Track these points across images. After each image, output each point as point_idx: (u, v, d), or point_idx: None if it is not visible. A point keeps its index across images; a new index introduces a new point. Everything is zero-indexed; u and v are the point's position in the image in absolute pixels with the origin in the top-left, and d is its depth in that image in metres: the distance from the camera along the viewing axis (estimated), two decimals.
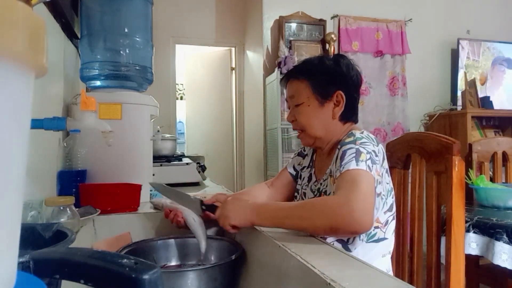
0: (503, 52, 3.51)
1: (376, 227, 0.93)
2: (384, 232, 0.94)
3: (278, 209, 0.82)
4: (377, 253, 0.94)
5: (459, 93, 3.31)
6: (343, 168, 0.84)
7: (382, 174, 0.91)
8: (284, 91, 1.11)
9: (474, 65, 3.43)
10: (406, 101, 3.30)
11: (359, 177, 0.81)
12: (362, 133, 0.94)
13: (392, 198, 0.97)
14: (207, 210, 0.93)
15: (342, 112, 1.00)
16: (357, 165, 0.83)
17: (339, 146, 0.92)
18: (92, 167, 1.15)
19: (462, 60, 3.36)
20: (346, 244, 0.92)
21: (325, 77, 1.00)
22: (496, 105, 3.36)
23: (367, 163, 0.84)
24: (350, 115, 1.03)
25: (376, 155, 0.88)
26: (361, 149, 0.86)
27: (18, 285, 0.24)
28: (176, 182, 1.75)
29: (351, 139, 0.91)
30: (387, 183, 0.95)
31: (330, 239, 0.92)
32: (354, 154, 0.85)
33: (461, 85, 3.32)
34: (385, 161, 0.94)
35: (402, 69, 3.31)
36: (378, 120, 3.23)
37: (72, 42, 1.35)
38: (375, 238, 0.93)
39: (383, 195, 0.92)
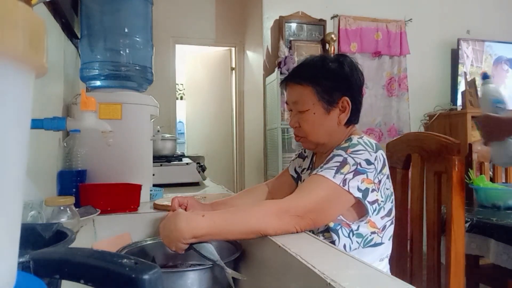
0: (504, 52, 3.51)
1: (373, 232, 0.91)
2: (381, 237, 0.92)
3: (217, 215, 0.80)
4: (375, 257, 0.93)
5: (459, 93, 3.31)
6: (321, 170, 0.84)
7: (381, 180, 0.89)
8: (284, 92, 1.08)
9: (474, 65, 3.43)
10: (405, 102, 3.30)
11: (322, 189, 0.82)
12: (361, 137, 0.92)
13: (392, 203, 0.95)
14: None
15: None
16: (333, 176, 0.82)
17: (334, 149, 0.91)
18: (92, 167, 1.15)
19: (462, 60, 3.36)
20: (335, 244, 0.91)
21: (330, 82, 0.96)
22: None
23: (346, 176, 0.83)
24: (353, 118, 1.00)
25: (371, 163, 0.86)
26: (349, 160, 0.85)
27: (18, 285, 0.24)
28: (176, 182, 1.75)
29: (346, 145, 0.89)
30: (387, 189, 0.93)
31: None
32: (338, 164, 0.84)
33: (461, 85, 3.32)
34: (386, 167, 0.91)
35: (401, 69, 3.31)
36: (372, 120, 3.23)
37: (72, 42, 1.35)
38: (372, 243, 0.91)
39: (381, 201, 0.91)
